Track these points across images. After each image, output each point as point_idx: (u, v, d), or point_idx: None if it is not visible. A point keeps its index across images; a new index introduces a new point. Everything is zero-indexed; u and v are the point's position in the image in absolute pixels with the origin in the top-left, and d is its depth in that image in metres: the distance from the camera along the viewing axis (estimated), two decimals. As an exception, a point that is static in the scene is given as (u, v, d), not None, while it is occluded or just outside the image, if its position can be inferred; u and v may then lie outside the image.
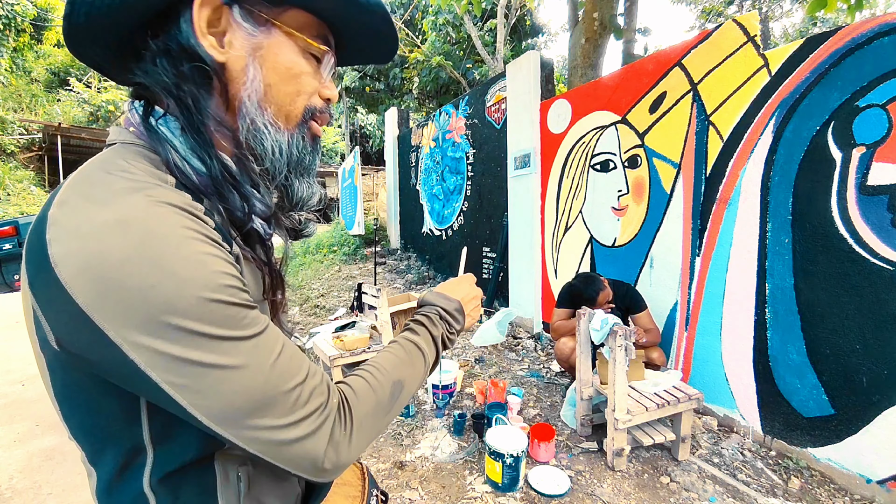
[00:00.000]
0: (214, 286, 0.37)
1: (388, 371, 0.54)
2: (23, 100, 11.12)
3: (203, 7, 0.42)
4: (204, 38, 0.42)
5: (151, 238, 0.36)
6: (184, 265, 0.36)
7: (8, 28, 10.79)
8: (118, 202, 0.36)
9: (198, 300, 0.36)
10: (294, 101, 0.48)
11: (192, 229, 0.38)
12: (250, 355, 0.40)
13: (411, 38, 10.44)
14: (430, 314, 0.65)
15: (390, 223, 8.21)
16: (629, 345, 2.01)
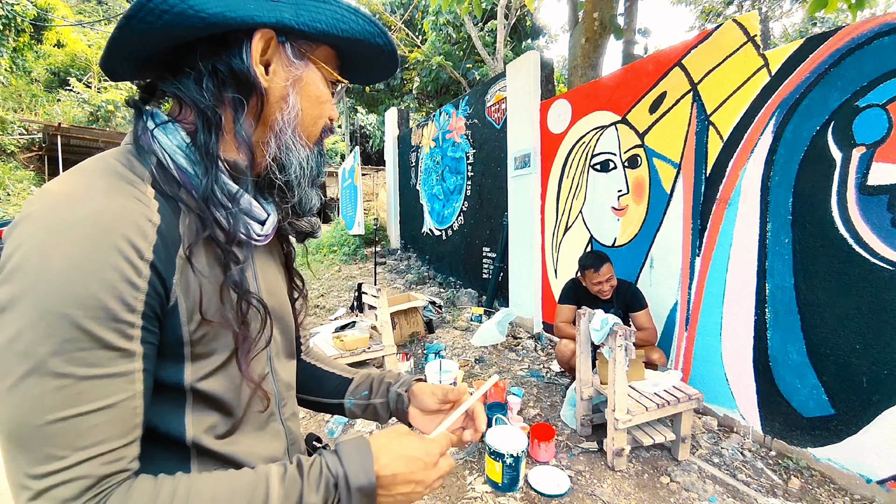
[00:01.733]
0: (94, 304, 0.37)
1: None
2: (23, 100, 11.12)
3: (260, 40, 0.48)
4: (256, 67, 0.48)
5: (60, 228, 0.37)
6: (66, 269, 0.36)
7: (8, 28, 10.79)
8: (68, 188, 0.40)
9: (57, 315, 0.36)
10: (316, 123, 0.55)
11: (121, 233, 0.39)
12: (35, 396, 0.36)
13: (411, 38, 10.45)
14: (325, 470, 0.46)
15: (390, 223, 8.21)
16: (629, 345, 2.01)
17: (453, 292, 5.17)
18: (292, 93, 0.51)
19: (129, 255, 0.39)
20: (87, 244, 0.37)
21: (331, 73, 0.55)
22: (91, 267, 0.37)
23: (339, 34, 0.51)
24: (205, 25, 0.44)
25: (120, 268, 0.38)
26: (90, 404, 0.37)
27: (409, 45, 11.11)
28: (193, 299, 0.45)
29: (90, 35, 13.28)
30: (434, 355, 3.16)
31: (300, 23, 0.48)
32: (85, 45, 12.57)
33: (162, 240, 0.42)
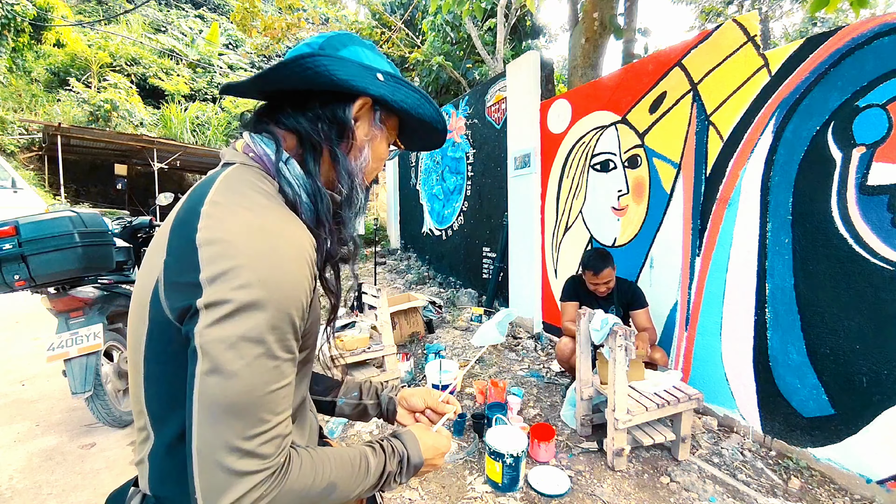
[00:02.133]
0: (298, 307, 0.51)
1: (334, 469, 0.57)
2: (23, 100, 11.10)
3: (360, 106, 0.63)
4: (353, 121, 0.63)
5: (278, 248, 0.50)
6: (290, 281, 0.50)
7: (8, 28, 10.77)
8: (262, 212, 0.52)
9: (282, 314, 0.49)
10: (374, 172, 0.71)
11: (307, 254, 0.53)
12: (262, 372, 0.48)
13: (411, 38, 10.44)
14: (397, 450, 0.68)
15: (390, 223, 8.21)
16: (629, 345, 2.01)
17: (453, 292, 5.17)
18: (367, 147, 0.66)
19: (312, 268, 0.54)
20: (298, 262, 0.51)
21: (396, 140, 0.74)
22: (299, 279, 0.51)
23: (416, 115, 0.67)
24: (331, 84, 0.59)
25: (309, 277, 0.53)
26: (285, 380, 0.50)
27: (409, 45, 11.10)
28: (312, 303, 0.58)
29: (90, 35, 13.26)
30: (434, 355, 3.16)
31: (393, 100, 0.64)
32: (85, 45, 12.54)
33: (315, 258, 0.56)
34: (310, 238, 0.55)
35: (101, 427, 2.42)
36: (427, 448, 0.72)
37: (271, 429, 0.48)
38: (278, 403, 0.49)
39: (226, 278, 0.46)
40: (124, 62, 13.02)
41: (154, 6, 17.01)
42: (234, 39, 16.71)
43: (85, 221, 2.19)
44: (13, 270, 1.95)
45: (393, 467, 0.65)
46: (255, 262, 0.48)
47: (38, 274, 1.99)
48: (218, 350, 0.46)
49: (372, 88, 0.62)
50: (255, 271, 0.47)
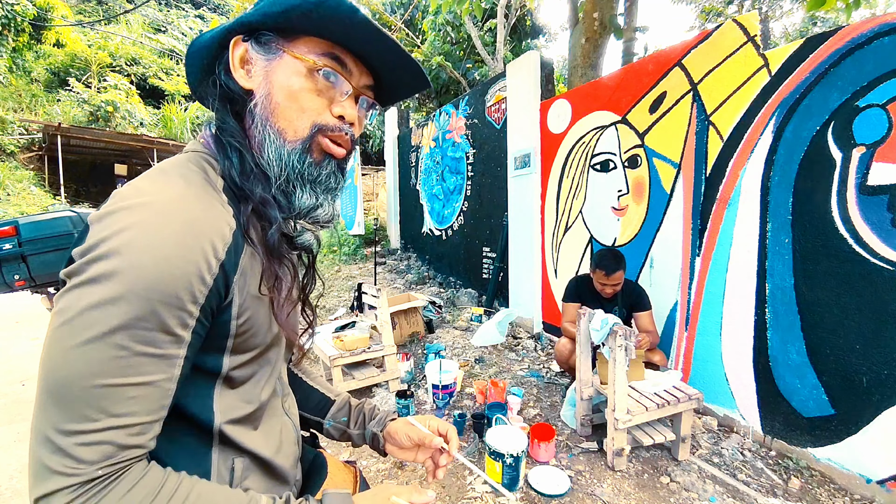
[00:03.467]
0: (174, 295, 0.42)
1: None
2: (23, 100, 11.11)
3: (235, 47, 0.53)
4: (236, 72, 0.54)
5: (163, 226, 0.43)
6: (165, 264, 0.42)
7: (7, 28, 10.78)
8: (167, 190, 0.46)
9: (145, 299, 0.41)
10: (299, 117, 0.54)
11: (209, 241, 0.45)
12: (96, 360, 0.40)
13: (411, 38, 10.44)
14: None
15: (390, 223, 8.21)
16: (629, 345, 2.01)
17: (453, 292, 5.17)
18: (264, 86, 0.53)
19: (208, 257, 0.45)
20: (180, 246, 0.43)
21: (310, 61, 0.53)
22: (178, 264, 0.43)
23: (281, 9, 0.50)
24: (206, 51, 0.54)
25: (199, 267, 0.44)
26: (134, 378, 0.41)
27: (409, 45, 11.11)
28: (246, 297, 0.50)
29: (90, 35, 13.27)
30: (434, 355, 3.16)
31: (253, 15, 0.51)
32: (85, 45, 12.56)
33: (234, 242, 0.48)
34: (226, 225, 0.48)
35: (101, 427, 2.42)
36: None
37: (96, 431, 0.40)
38: (115, 403, 0.41)
39: (90, 249, 0.41)
40: (124, 62, 13.03)
41: (154, 6, 17.01)
42: (234, 39, 16.68)
43: (85, 221, 2.19)
44: (13, 270, 1.96)
45: None
46: (127, 235, 0.41)
47: (38, 274, 2.00)
48: (56, 322, 0.41)
49: (232, 24, 0.53)
50: (122, 245, 0.41)
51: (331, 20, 0.51)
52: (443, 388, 2.52)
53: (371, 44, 0.55)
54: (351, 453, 2.18)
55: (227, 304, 0.49)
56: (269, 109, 0.53)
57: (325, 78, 0.54)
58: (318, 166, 0.56)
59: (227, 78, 0.54)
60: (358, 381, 2.72)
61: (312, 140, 0.55)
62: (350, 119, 0.57)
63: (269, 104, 0.53)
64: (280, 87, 0.53)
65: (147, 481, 0.43)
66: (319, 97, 0.54)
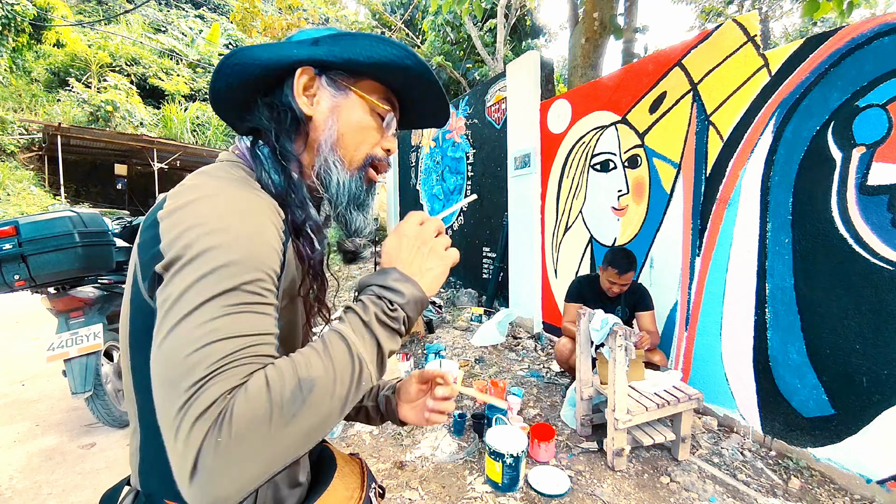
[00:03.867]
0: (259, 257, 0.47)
1: (293, 368, 0.44)
2: (23, 100, 11.10)
3: (301, 76, 0.58)
4: (299, 98, 0.59)
5: (234, 207, 0.48)
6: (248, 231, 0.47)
7: (7, 28, 10.78)
8: (222, 186, 0.50)
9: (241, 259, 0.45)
10: (358, 148, 0.61)
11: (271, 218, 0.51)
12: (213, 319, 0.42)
13: (411, 38, 10.44)
14: (362, 298, 0.53)
15: (390, 223, 8.21)
16: (629, 345, 2.01)
17: (453, 292, 5.17)
18: (331, 119, 0.59)
19: (279, 234, 0.51)
20: (259, 222, 0.49)
21: (374, 103, 0.61)
22: (263, 232, 0.48)
23: (366, 60, 0.58)
24: (261, 68, 0.58)
25: (275, 237, 0.50)
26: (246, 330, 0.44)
27: (409, 45, 11.09)
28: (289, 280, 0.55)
29: (90, 35, 13.27)
30: (434, 355, 3.16)
31: (331, 55, 0.58)
32: (85, 45, 12.55)
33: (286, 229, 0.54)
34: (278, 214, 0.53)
35: (101, 427, 2.42)
36: (388, 256, 0.57)
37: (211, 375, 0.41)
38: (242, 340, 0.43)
39: (179, 238, 0.45)
40: (124, 62, 13.03)
41: (154, 6, 17.01)
42: (234, 39, 16.70)
43: (85, 221, 2.19)
44: (13, 270, 1.95)
45: (370, 310, 0.50)
46: (212, 218, 0.46)
47: (38, 274, 1.99)
48: (167, 306, 0.43)
49: (302, 54, 0.58)
50: (213, 227, 0.45)
51: (403, 77, 0.60)
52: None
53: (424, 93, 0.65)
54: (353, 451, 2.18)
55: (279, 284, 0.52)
56: (334, 139, 0.59)
57: (380, 118, 0.63)
58: (367, 192, 0.64)
59: (293, 102, 0.58)
60: (358, 381, 2.71)
61: (366, 170, 0.63)
62: (393, 152, 0.66)
63: (334, 134, 0.59)
64: (346, 121, 0.60)
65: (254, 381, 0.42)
66: (376, 133, 0.63)
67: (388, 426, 2.41)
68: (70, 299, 2.23)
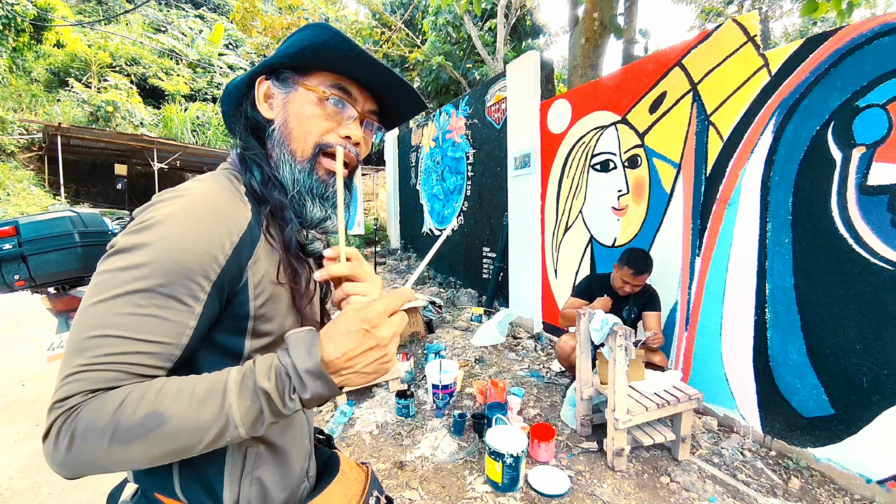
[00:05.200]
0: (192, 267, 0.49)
1: (155, 397, 0.45)
2: (23, 100, 11.10)
3: (259, 85, 0.64)
4: (260, 105, 0.64)
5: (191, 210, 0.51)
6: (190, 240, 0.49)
7: (8, 28, 10.77)
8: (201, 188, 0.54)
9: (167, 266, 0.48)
10: (306, 138, 0.62)
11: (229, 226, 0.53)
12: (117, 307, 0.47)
13: (411, 39, 10.44)
14: (275, 359, 0.50)
15: (390, 223, 8.21)
16: (629, 345, 2.01)
17: (453, 292, 5.17)
18: (282, 115, 0.62)
19: (223, 240, 0.52)
20: (201, 229, 0.50)
21: (317, 90, 0.61)
22: (198, 243, 0.50)
23: (294, 50, 0.60)
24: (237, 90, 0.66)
25: (214, 247, 0.51)
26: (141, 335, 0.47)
27: (409, 45, 11.10)
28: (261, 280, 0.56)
29: (90, 35, 13.26)
30: (434, 355, 3.16)
31: (273, 57, 0.62)
32: (85, 45, 12.54)
33: (249, 232, 0.55)
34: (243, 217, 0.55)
35: (101, 427, 2.42)
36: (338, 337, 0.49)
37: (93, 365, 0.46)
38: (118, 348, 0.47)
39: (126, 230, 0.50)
40: (124, 62, 13.02)
41: (154, 6, 17.01)
42: (235, 39, 16.70)
43: (85, 221, 2.19)
44: (13, 270, 1.95)
45: (267, 384, 0.47)
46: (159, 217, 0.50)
47: (38, 274, 1.99)
48: (91, 283, 0.49)
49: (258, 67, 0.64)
50: (153, 223, 0.49)
51: (335, 56, 0.60)
52: (443, 388, 2.52)
53: (371, 74, 0.63)
54: (351, 453, 2.18)
55: (243, 286, 0.55)
56: (284, 134, 0.62)
57: (333, 104, 0.62)
58: (323, 184, 0.63)
59: (253, 111, 0.64)
60: (358, 381, 2.71)
61: (316, 159, 0.62)
62: (356, 139, 0.64)
63: (285, 129, 0.62)
64: (294, 114, 0.62)
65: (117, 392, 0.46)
66: (327, 122, 0.62)
67: (389, 427, 2.41)
68: (70, 299, 2.23)
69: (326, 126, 0.62)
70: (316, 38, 0.58)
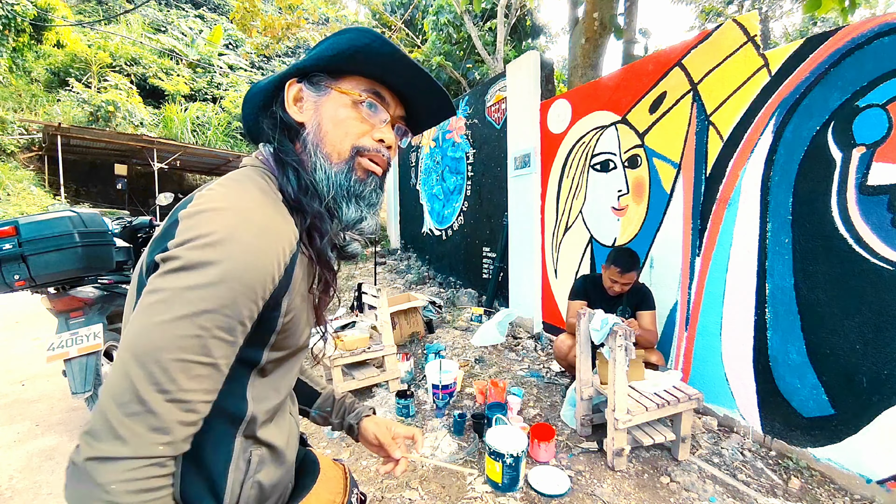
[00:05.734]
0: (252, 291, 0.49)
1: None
2: (23, 100, 11.10)
3: (289, 88, 0.63)
4: (290, 107, 0.63)
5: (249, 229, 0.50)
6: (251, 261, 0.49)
7: (8, 28, 10.77)
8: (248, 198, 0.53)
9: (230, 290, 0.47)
10: (342, 141, 0.62)
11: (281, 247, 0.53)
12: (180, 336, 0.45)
13: (411, 38, 10.44)
14: None
15: (390, 223, 8.21)
16: (629, 345, 2.01)
17: (453, 292, 5.17)
18: (314, 119, 0.62)
19: (279, 259, 0.52)
20: (265, 243, 0.51)
21: (351, 93, 0.62)
22: (262, 262, 0.50)
23: (331, 53, 0.60)
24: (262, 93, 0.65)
25: (273, 267, 0.51)
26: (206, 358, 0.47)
27: (409, 45, 11.10)
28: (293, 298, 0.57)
29: (90, 35, 13.27)
30: (434, 355, 3.16)
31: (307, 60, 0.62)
32: (85, 46, 12.54)
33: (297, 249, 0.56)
34: (292, 233, 0.56)
35: (101, 427, 2.42)
36: None
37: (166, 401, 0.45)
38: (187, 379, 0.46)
39: (188, 241, 0.47)
40: (124, 62, 13.03)
41: (154, 6, 17.00)
42: (234, 39, 16.70)
43: (85, 221, 2.19)
44: (13, 270, 1.95)
45: None
46: (222, 232, 0.48)
47: (38, 274, 1.99)
48: (150, 299, 0.46)
49: (289, 69, 0.63)
50: (219, 240, 0.47)
51: (374, 60, 0.60)
52: (443, 388, 2.52)
53: (407, 78, 0.64)
54: (351, 453, 2.18)
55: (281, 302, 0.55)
56: (319, 137, 0.61)
57: (367, 108, 0.63)
58: (362, 183, 0.64)
59: (283, 113, 0.63)
60: (358, 381, 2.72)
61: (354, 160, 0.63)
62: (388, 142, 0.65)
63: (319, 133, 0.62)
64: (328, 117, 0.62)
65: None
66: (362, 124, 0.63)
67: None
68: (70, 299, 2.23)
69: (362, 129, 0.63)
70: (357, 41, 0.58)
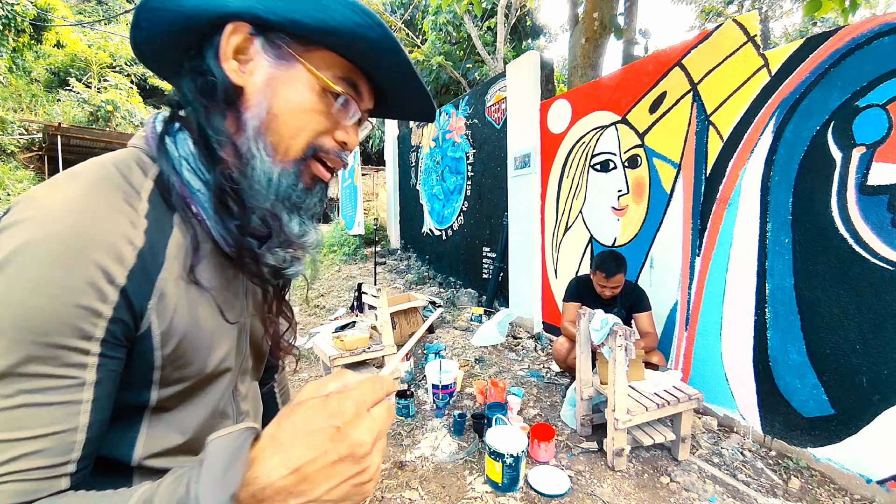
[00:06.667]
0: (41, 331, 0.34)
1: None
2: (23, 100, 11.10)
3: (233, 35, 0.44)
4: (227, 62, 0.44)
5: (36, 249, 0.35)
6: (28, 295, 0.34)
7: (8, 28, 10.77)
8: (45, 204, 0.37)
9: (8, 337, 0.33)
10: (296, 135, 0.47)
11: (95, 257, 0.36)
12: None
13: (411, 38, 10.44)
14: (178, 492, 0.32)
15: (390, 223, 8.21)
16: (629, 345, 2.01)
17: (453, 292, 5.17)
18: (263, 94, 0.45)
19: (96, 281, 0.36)
20: (53, 266, 0.34)
21: (325, 81, 0.46)
22: (51, 290, 0.34)
23: (315, 24, 0.43)
24: (186, 20, 0.44)
25: (83, 294, 0.35)
26: (28, 431, 0.33)
27: (409, 45, 11.10)
28: (171, 322, 0.42)
29: (90, 35, 13.27)
30: (434, 355, 3.16)
31: (271, 10, 0.42)
32: (85, 46, 12.55)
33: (142, 263, 0.39)
34: (127, 245, 0.38)
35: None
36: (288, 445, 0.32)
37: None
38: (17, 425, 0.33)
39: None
40: (124, 62, 13.03)
41: (154, 6, 16.99)
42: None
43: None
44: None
45: None
46: (3, 254, 0.35)
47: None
48: None
49: (237, 5, 0.43)
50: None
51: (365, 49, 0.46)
52: (443, 388, 2.52)
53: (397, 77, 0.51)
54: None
55: (144, 333, 0.40)
56: (265, 121, 0.45)
57: (339, 104, 0.48)
58: (308, 193, 0.50)
59: (215, 65, 0.44)
60: (358, 381, 2.71)
61: (304, 162, 0.48)
62: (352, 146, 0.52)
63: (266, 115, 0.45)
64: (284, 98, 0.45)
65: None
66: (326, 120, 0.48)
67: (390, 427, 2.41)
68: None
69: (325, 125, 0.48)
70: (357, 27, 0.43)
